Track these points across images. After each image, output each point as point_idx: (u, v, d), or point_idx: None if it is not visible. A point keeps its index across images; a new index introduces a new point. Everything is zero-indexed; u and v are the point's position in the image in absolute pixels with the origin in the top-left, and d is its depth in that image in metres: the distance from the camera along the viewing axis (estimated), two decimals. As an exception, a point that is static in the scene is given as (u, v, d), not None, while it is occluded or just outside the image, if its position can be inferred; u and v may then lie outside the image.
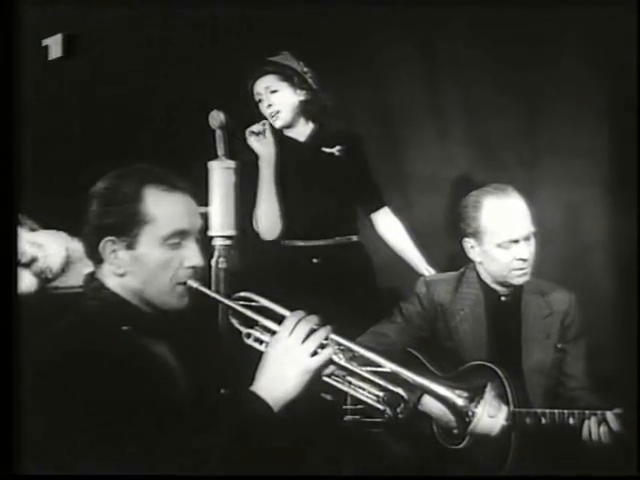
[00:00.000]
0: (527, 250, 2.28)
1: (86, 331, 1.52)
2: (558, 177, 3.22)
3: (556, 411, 2.10)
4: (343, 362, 1.55)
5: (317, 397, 1.58)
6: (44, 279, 2.37)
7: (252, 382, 1.54)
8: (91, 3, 3.18)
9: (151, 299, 1.57)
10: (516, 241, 2.27)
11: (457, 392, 1.51)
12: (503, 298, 2.39)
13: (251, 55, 2.89)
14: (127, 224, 1.55)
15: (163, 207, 1.56)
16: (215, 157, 2.49)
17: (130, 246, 1.55)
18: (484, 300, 2.38)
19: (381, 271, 2.96)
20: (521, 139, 3.29)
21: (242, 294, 1.60)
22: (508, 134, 3.29)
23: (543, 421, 2.09)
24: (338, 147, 2.82)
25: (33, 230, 2.44)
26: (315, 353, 1.51)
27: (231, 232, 2.46)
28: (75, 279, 2.43)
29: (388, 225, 2.96)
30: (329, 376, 1.56)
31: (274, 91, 2.78)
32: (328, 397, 1.61)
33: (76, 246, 2.49)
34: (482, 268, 2.40)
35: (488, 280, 2.39)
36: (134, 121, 3.24)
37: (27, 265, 2.34)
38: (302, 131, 2.86)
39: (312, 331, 1.52)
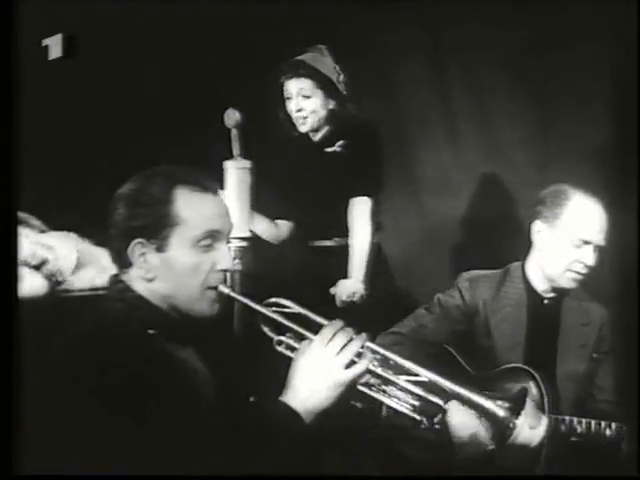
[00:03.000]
0: (593, 258, 2.24)
1: (109, 333, 1.45)
2: (570, 178, 3.19)
3: (592, 421, 2.07)
4: (379, 371, 1.50)
5: (349, 406, 1.52)
6: (54, 282, 2.32)
7: (282, 391, 1.48)
8: (91, 3, 3.14)
9: (180, 305, 1.51)
10: (589, 243, 2.23)
11: (499, 403, 1.45)
12: (546, 301, 2.34)
13: (267, 53, 2.84)
14: (157, 226, 1.48)
15: (194, 209, 1.49)
16: (230, 157, 2.44)
17: (160, 249, 1.48)
18: (526, 301, 2.33)
19: (399, 271, 2.93)
20: (532, 140, 3.26)
21: (273, 300, 1.55)
22: (519, 135, 3.27)
23: (579, 430, 2.05)
24: (340, 142, 2.77)
25: (43, 232, 2.38)
26: (349, 365, 1.46)
27: (247, 234, 2.41)
28: (85, 282, 2.38)
29: (357, 213, 2.78)
30: (363, 385, 1.51)
31: (307, 96, 2.73)
32: (358, 405, 1.55)
33: (86, 248, 2.44)
34: (536, 260, 2.35)
35: (537, 277, 2.34)
36: (137, 121, 3.20)
37: (37, 267, 2.28)
38: (319, 133, 2.83)
39: (348, 342, 1.47)
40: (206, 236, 1.50)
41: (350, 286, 2.67)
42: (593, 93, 3.09)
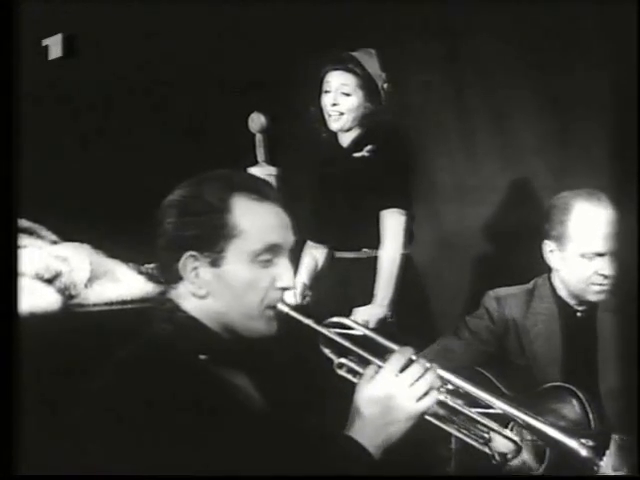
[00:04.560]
0: (609, 267, 2.12)
1: (156, 360, 1.32)
2: (590, 184, 3.14)
3: None
4: (449, 401, 1.39)
5: (416, 438, 1.40)
6: (68, 296, 2.18)
7: (341, 418, 1.37)
8: (91, 3, 3.11)
9: (235, 325, 1.38)
10: (601, 254, 2.11)
11: (582, 441, 1.33)
12: (579, 314, 2.23)
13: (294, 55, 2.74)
14: (211, 237, 1.34)
15: (254, 219, 1.36)
16: (255, 163, 2.33)
17: (214, 263, 1.35)
18: (559, 316, 2.22)
19: (431, 285, 2.86)
20: (551, 146, 3.19)
21: (335, 320, 1.42)
22: (537, 141, 3.21)
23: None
24: (369, 147, 2.66)
25: (55, 243, 2.25)
26: (421, 396, 1.35)
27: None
28: (98, 295, 2.25)
29: (386, 227, 2.65)
30: (431, 415, 1.39)
31: (347, 94, 2.62)
32: (425, 437, 1.44)
33: (99, 260, 2.31)
34: (558, 277, 2.24)
35: (563, 292, 2.24)
36: (144, 124, 3.13)
37: (50, 281, 2.14)
38: (348, 136, 2.71)
39: (423, 373, 1.36)
40: (266, 250, 1.36)
41: (362, 314, 2.53)
42: (610, 97, 3.03)
